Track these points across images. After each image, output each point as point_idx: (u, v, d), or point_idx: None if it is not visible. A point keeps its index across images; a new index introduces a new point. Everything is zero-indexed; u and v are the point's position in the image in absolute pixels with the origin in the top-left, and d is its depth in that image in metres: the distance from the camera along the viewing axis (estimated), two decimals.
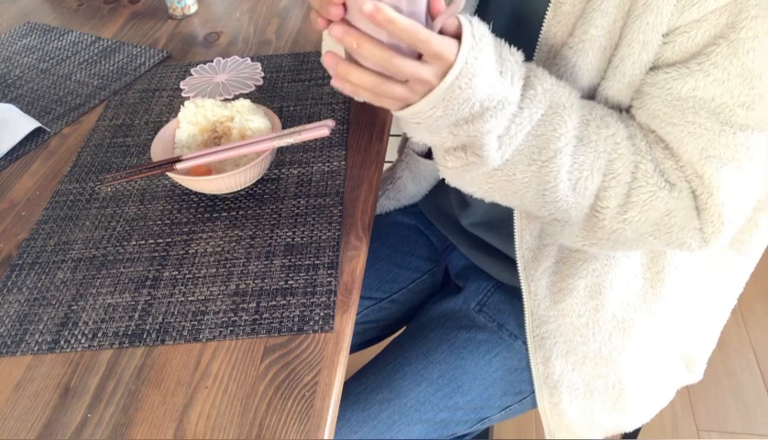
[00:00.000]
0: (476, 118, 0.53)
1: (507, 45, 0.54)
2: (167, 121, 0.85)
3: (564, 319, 0.74)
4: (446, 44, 0.50)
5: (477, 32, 0.51)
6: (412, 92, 0.52)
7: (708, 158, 0.56)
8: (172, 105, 0.95)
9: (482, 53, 0.51)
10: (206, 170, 0.77)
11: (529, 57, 0.60)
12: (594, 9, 0.57)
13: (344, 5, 0.51)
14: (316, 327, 0.63)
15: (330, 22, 0.53)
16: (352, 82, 0.52)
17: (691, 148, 0.56)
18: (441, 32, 0.51)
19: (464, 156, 0.56)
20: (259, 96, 0.94)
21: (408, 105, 0.53)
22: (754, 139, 0.55)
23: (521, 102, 0.54)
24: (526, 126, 0.55)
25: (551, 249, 0.72)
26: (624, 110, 0.62)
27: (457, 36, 0.51)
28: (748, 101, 0.54)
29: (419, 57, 0.51)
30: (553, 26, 0.61)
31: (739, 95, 0.54)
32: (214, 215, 0.76)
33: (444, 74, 0.50)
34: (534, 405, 0.82)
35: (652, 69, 0.58)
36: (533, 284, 0.74)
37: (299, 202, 0.77)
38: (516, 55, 0.55)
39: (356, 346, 0.97)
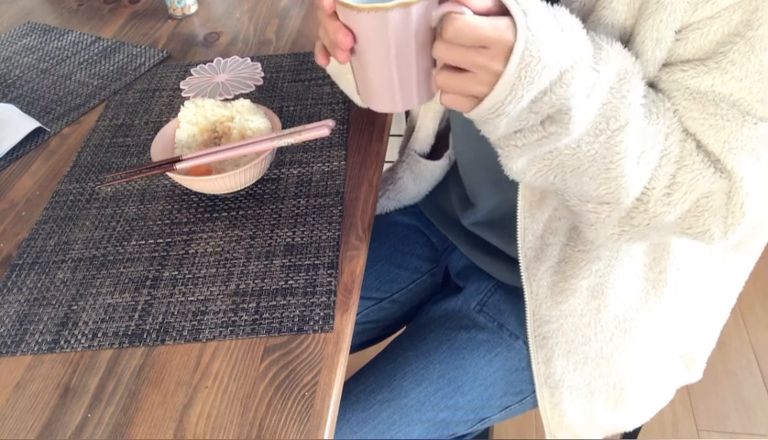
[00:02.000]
0: (555, 85, 0.49)
1: (548, 2, 0.50)
2: (167, 121, 0.85)
3: (566, 319, 0.74)
4: (498, 24, 0.47)
5: None
6: (481, 83, 0.49)
7: (732, 150, 0.55)
8: (172, 105, 0.95)
9: (536, 16, 0.47)
10: (206, 170, 0.77)
11: None
12: (604, 7, 0.56)
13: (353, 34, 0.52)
14: (316, 327, 0.63)
15: (328, 58, 0.56)
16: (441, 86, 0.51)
17: (714, 141, 0.56)
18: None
19: (542, 129, 0.52)
20: (259, 96, 0.94)
21: (480, 100, 0.50)
22: None
23: (596, 63, 0.51)
24: (603, 92, 0.52)
25: (553, 249, 0.72)
26: None
27: (500, 11, 0.48)
28: (766, 97, 0.54)
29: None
30: None
31: (757, 92, 0.54)
32: (214, 215, 0.76)
33: (509, 55, 0.47)
34: (534, 405, 0.82)
35: (665, 65, 0.57)
36: (535, 284, 0.74)
37: (299, 202, 0.77)
38: (563, 9, 0.50)
39: (355, 347, 0.97)
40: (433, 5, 0.50)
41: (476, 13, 0.47)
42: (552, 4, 0.51)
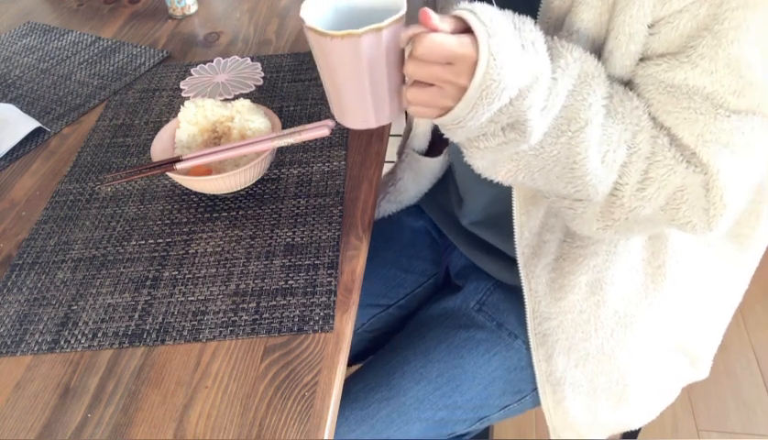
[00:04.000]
0: (514, 100, 0.52)
1: (514, 13, 0.53)
2: (167, 121, 0.86)
3: (565, 316, 0.74)
4: (463, 42, 0.49)
5: (484, 17, 0.50)
6: (447, 97, 0.53)
7: (706, 142, 0.56)
8: (172, 105, 0.95)
9: (499, 37, 0.49)
10: (206, 170, 0.77)
11: None
12: (580, 3, 0.58)
13: None
14: (316, 327, 0.63)
15: None
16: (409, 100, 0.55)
17: (688, 134, 0.57)
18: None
19: (501, 134, 0.55)
20: (259, 96, 0.94)
21: (447, 110, 0.53)
22: (749, 123, 0.56)
23: (553, 72, 0.54)
24: (561, 97, 0.54)
25: (550, 246, 0.72)
26: None
27: (465, 29, 0.50)
28: (738, 89, 0.55)
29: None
30: (544, 21, 0.62)
31: (729, 84, 0.55)
32: (214, 215, 0.76)
33: (474, 70, 0.50)
34: (533, 405, 0.82)
35: (641, 60, 0.58)
36: (534, 281, 0.74)
37: (299, 202, 0.77)
38: (528, 22, 0.53)
39: (361, 354, 0.96)
40: (402, 28, 0.53)
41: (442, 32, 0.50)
42: (519, 13, 0.53)
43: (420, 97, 0.54)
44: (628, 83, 0.60)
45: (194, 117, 0.79)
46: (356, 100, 0.57)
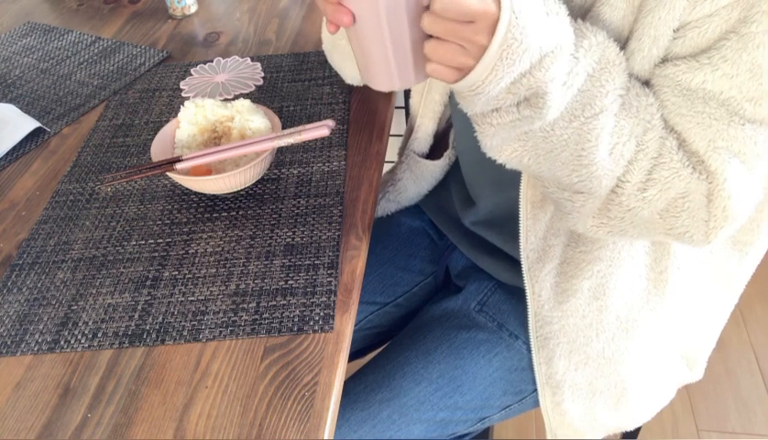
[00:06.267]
0: (535, 68, 0.50)
1: None
2: (167, 121, 0.85)
3: (567, 320, 0.74)
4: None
5: None
6: (467, 55, 0.50)
7: (716, 149, 0.55)
8: (172, 105, 0.95)
9: None
10: (206, 170, 0.77)
11: None
12: (603, 3, 0.57)
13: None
14: (316, 327, 0.63)
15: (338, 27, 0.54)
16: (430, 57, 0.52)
17: (699, 139, 0.56)
18: None
19: (516, 110, 0.53)
20: (259, 96, 0.94)
21: (465, 73, 0.51)
22: (762, 134, 0.55)
23: (576, 51, 0.52)
24: (581, 78, 0.53)
25: (555, 250, 0.72)
26: None
27: None
28: (756, 96, 0.54)
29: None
30: None
31: (747, 91, 0.54)
32: (214, 215, 0.76)
33: (494, 29, 0.47)
34: (534, 405, 0.82)
35: (661, 61, 0.57)
36: (537, 285, 0.74)
37: (299, 202, 0.77)
38: None
39: (359, 353, 0.96)
40: None
41: None
42: None
43: (438, 52, 0.51)
44: (644, 83, 0.59)
45: (194, 117, 0.79)
46: (379, 56, 0.55)
